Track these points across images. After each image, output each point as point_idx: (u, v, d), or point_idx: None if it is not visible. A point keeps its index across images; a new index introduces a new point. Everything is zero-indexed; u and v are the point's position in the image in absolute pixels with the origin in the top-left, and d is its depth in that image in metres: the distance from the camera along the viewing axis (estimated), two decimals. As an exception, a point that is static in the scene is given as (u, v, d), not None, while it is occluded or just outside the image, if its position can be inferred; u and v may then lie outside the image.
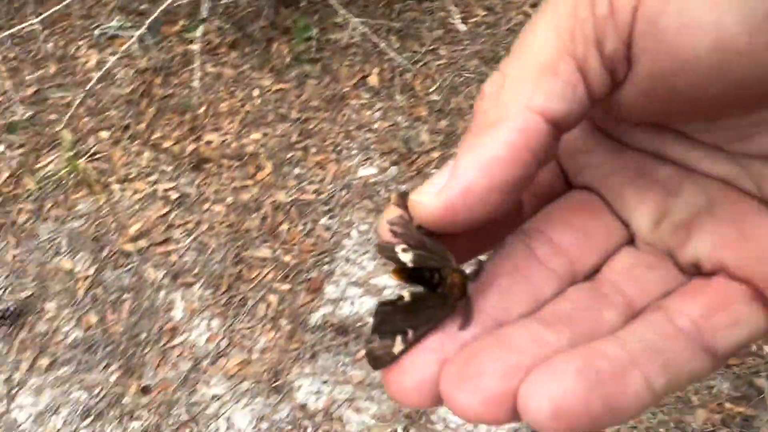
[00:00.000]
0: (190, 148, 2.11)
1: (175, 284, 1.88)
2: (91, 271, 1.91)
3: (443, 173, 0.19)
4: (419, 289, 0.21)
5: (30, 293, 1.88)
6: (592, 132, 0.23)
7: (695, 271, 0.21)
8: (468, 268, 0.21)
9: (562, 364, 0.17)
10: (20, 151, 2.16)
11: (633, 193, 0.22)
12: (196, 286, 1.85)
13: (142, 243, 1.95)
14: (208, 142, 2.12)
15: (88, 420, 1.67)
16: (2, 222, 2.02)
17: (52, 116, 2.22)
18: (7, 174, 2.10)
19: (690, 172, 0.21)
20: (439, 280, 0.20)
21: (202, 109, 2.18)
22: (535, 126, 0.18)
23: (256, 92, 2.23)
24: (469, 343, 0.19)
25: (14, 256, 1.96)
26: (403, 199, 0.21)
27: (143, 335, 1.80)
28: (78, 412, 1.68)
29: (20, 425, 1.67)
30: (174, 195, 2.04)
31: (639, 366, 0.17)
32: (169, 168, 2.10)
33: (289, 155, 2.07)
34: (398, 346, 0.19)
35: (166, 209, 2.02)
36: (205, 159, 2.10)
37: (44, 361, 1.76)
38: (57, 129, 2.14)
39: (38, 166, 2.11)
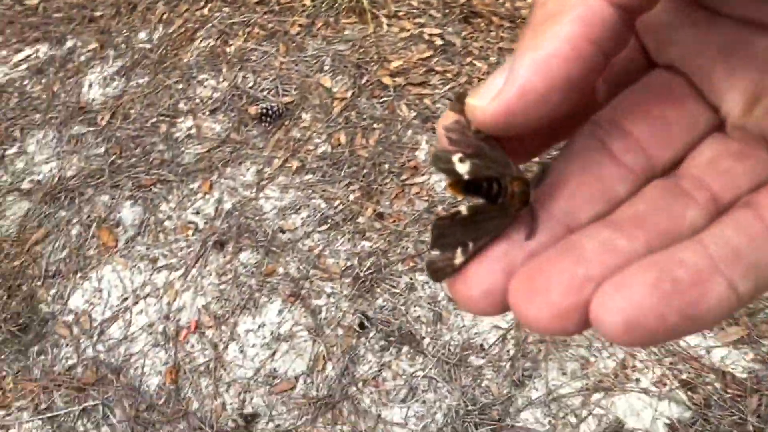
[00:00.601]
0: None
1: (424, 127, 1.89)
2: (348, 94, 1.96)
3: (501, 73, 0.17)
4: (478, 201, 0.20)
5: (291, 100, 1.97)
6: (677, 1, 0.20)
7: None
8: (534, 170, 0.20)
9: (635, 275, 0.16)
10: (302, -34, 2.21)
11: (724, 71, 0.19)
12: (448, 132, 1.84)
13: (400, 80, 1.96)
14: (486, -4, 2.05)
15: (324, 227, 1.76)
16: (277, 30, 2.10)
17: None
18: (288, -16, 2.17)
19: None
20: (498, 190, 0.19)
21: (485, -39, 2.10)
22: (599, 14, 0.16)
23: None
24: (536, 251, 0.18)
25: (281, 63, 2.05)
26: (460, 102, 0.19)
27: (386, 165, 1.84)
28: (316, 218, 1.77)
29: (265, 213, 1.80)
30: (439, 41, 2.02)
31: (722, 271, 0.16)
32: (438, 14, 2.07)
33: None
34: (459, 258, 0.19)
35: (429, 53, 2.00)
36: (477, 13, 2.04)
37: (294, 164, 1.86)
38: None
39: (318, -17, 2.16)
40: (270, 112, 1.92)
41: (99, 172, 1.92)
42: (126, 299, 1.71)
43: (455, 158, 0.20)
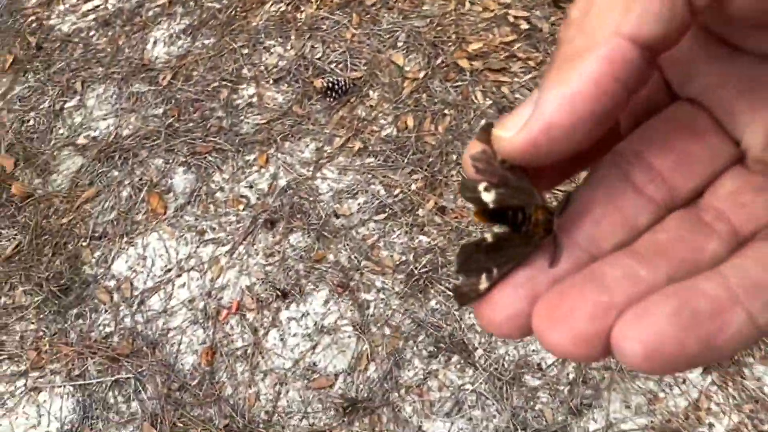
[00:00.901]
0: (557, -20, 1.88)
1: (499, 117, 1.73)
2: (421, 74, 1.82)
3: (527, 106, 0.18)
4: (503, 229, 0.21)
5: (359, 75, 1.85)
6: (700, 36, 0.20)
7: None
8: (557, 199, 0.20)
9: (656, 305, 0.16)
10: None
11: (746, 106, 0.19)
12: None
13: (478, 64, 1.81)
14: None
15: (381, 216, 1.65)
16: (351, -2, 1.98)
17: None
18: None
19: None
20: (522, 219, 0.20)
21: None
22: (624, 54, 0.16)
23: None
24: (560, 277, 0.19)
25: (353, 35, 1.92)
26: (486, 133, 0.20)
27: (454, 156, 1.70)
28: (374, 205, 1.66)
29: (320, 195, 1.69)
30: (524, 25, 1.85)
31: (741, 302, 0.16)
32: (527, -5, 1.90)
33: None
34: (483, 283, 0.19)
35: (512, 37, 1.84)
36: (570, -3, 1.85)
37: (356, 145, 1.75)
38: None
39: (399, -48, 2.01)
40: (336, 86, 1.80)
41: (155, 134, 1.85)
42: (169, 270, 1.65)
43: (481, 187, 0.20)
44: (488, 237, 0.20)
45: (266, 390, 1.48)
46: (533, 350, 1.46)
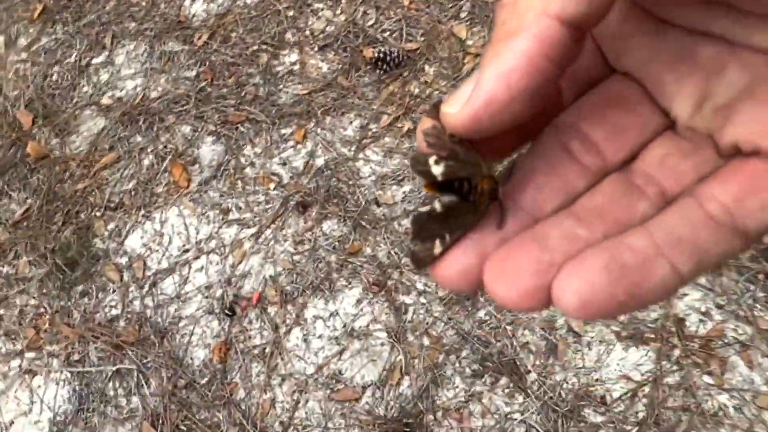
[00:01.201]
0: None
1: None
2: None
3: (470, 83, 0.19)
4: (452, 198, 0.22)
5: (415, 47, 1.63)
6: (630, 12, 0.22)
7: (735, 153, 0.20)
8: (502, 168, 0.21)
9: (589, 260, 0.18)
10: None
11: (674, 78, 0.21)
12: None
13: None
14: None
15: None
16: (412, -40, 1.75)
17: None
18: None
19: (736, 48, 0.20)
20: (469, 189, 0.21)
21: None
22: (551, 32, 0.18)
23: None
24: (508, 238, 0.20)
25: (411, 2, 1.70)
26: (436, 109, 0.21)
27: (517, 145, 1.48)
28: (420, 195, 1.45)
29: (361, 178, 1.49)
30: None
31: (665, 255, 0.18)
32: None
33: None
34: (438, 248, 0.21)
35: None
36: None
37: (405, 125, 1.54)
38: None
39: None
40: (388, 58, 1.59)
41: (185, 99, 1.67)
42: (187, 251, 1.47)
43: (431, 160, 0.21)
44: (437, 207, 0.22)
45: (283, 397, 1.29)
46: (597, 380, 1.24)
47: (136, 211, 1.54)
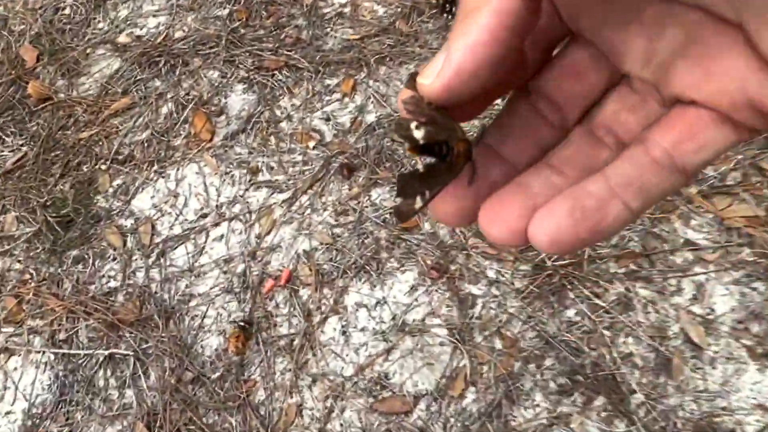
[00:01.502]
0: None
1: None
2: None
3: (441, 56, 0.21)
4: (432, 160, 0.24)
5: None
6: None
7: (675, 103, 0.22)
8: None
9: (557, 205, 0.21)
10: None
11: (623, 37, 0.23)
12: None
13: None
14: None
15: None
16: None
17: None
18: None
19: (674, 6, 0.21)
20: (447, 151, 0.23)
21: None
22: (509, 6, 0.19)
23: None
24: (497, 184, 0.23)
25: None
26: (413, 80, 0.23)
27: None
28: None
29: (420, 141, 1.21)
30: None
31: (619, 196, 0.21)
32: None
33: None
34: (418, 203, 0.23)
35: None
36: None
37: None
38: None
39: None
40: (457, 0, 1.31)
41: (214, 40, 1.42)
42: (205, 216, 1.21)
43: (413, 126, 0.23)
44: (420, 167, 0.24)
45: (313, 402, 1.02)
46: (724, 408, 0.95)
47: (148, 167, 1.28)
